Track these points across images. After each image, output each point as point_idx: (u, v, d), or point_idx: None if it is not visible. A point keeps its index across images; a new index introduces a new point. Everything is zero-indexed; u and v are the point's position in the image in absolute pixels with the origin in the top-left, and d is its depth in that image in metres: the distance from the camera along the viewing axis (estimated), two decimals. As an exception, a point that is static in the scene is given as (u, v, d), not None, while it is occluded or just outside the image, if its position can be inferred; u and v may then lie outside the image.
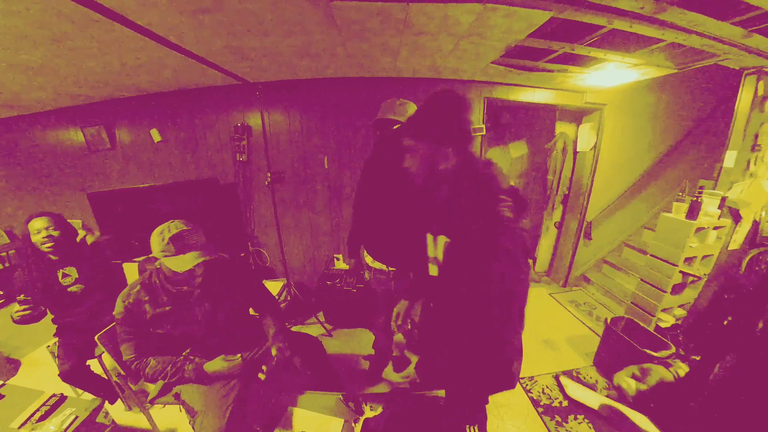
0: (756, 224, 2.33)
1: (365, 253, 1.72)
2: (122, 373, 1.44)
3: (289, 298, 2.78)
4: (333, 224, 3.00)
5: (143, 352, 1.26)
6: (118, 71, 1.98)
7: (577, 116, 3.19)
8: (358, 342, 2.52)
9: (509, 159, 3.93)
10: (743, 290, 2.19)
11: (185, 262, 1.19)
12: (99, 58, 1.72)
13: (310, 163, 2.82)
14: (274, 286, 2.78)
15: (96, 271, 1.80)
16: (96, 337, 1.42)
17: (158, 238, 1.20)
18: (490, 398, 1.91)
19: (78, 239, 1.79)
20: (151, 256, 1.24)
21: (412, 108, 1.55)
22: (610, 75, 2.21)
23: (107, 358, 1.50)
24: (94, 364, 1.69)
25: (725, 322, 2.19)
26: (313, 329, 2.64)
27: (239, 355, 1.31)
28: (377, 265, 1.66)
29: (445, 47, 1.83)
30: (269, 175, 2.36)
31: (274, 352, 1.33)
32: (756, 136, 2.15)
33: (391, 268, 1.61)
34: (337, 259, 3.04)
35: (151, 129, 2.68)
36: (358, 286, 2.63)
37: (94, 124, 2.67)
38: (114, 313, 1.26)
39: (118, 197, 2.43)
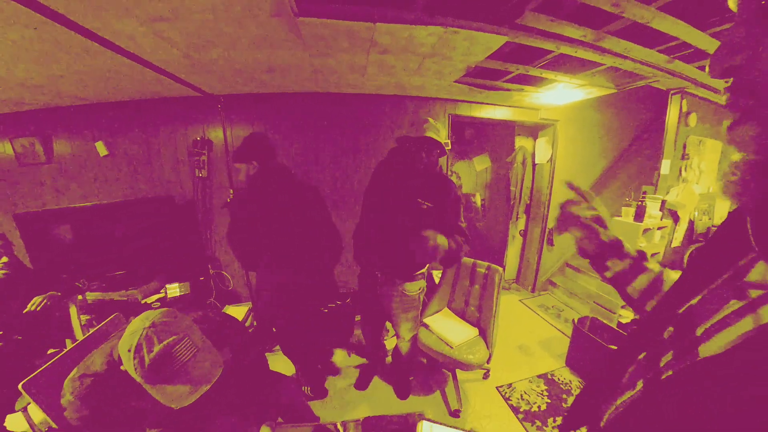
0: (691, 223, 2.64)
1: None
2: (53, 425, 1.21)
3: (255, 323, 2.58)
4: (303, 241, 2.89)
5: None
6: (59, 77, 1.78)
7: (533, 131, 3.44)
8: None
9: (474, 172, 4.11)
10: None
11: (178, 398, 0.80)
12: (36, 60, 1.54)
13: (278, 178, 2.72)
14: (238, 312, 2.57)
15: (10, 313, 1.53)
16: (20, 386, 1.20)
17: (129, 357, 0.79)
18: (473, 410, 1.90)
19: None
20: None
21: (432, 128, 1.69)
22: (561, 94, 2.42)
23: (34, 410, 1.27)
24: (17, 418, 1.42)
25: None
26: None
27: None
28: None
29: (410, 66, 1.90)
30: (231, 192, 2.23)
31: None
32: (684, 146, 2.46)
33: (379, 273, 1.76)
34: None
35: (97, 142, 2.43)
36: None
37: (27, 134, 2.36)
38: (67, 401, 0.87)
39: (54, 218, 2.15)
